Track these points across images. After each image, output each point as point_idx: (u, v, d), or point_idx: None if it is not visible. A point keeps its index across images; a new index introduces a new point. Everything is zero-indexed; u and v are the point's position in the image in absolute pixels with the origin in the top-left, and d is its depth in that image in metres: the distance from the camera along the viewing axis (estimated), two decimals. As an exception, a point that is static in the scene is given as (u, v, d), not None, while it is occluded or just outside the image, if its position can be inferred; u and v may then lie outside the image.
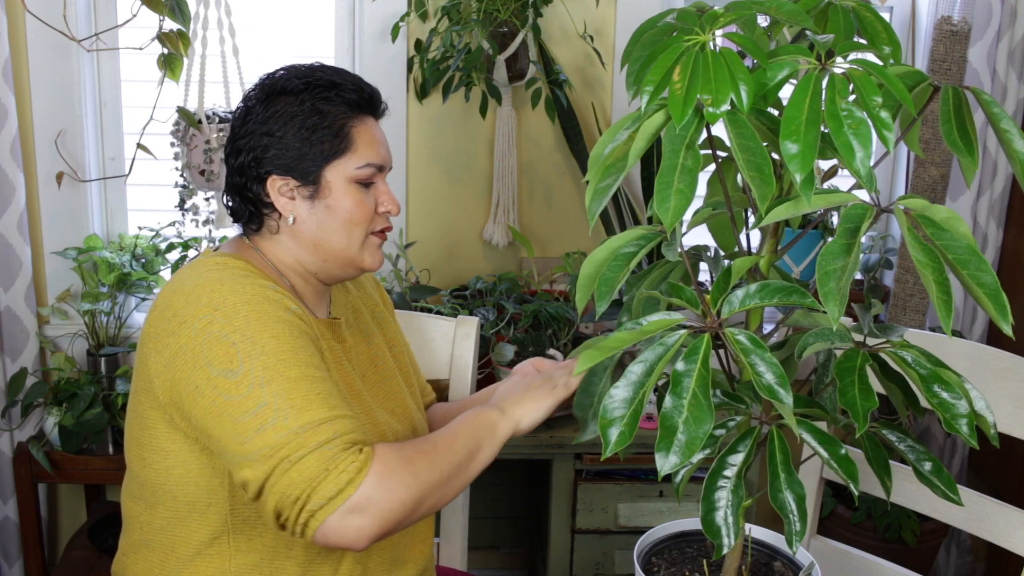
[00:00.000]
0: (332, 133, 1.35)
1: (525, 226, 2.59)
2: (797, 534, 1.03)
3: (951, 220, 0.96)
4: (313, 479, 1.17)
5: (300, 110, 1.35)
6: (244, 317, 1.25)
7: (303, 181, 1.36)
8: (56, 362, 2.36)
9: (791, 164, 0.94)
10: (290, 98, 1.36)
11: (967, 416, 1.02)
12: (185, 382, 1.25)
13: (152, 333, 1.31)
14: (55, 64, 2.30)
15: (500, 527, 2.79)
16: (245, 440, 1.20)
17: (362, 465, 1.19)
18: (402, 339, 1.63)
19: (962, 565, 2.74)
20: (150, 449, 1.33)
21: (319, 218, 1.37)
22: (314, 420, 1.21)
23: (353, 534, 1.18)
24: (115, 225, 2.50)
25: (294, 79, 1.37)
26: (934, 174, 2.46)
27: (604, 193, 1.06)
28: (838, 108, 0.94)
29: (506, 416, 1.36)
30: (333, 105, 1.36)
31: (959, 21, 2.39)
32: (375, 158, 1.38)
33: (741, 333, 0.99)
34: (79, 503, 2.58)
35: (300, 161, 1.35)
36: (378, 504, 1.19)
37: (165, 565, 1.37)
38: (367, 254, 1.41)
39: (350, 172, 1.36)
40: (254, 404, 1.21)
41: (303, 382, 1.24)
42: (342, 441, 1.21)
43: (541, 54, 2.40)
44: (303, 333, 1.29)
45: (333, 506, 1.17)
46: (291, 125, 1.35)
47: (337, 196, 1.36)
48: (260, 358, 1.23)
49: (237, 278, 1.30)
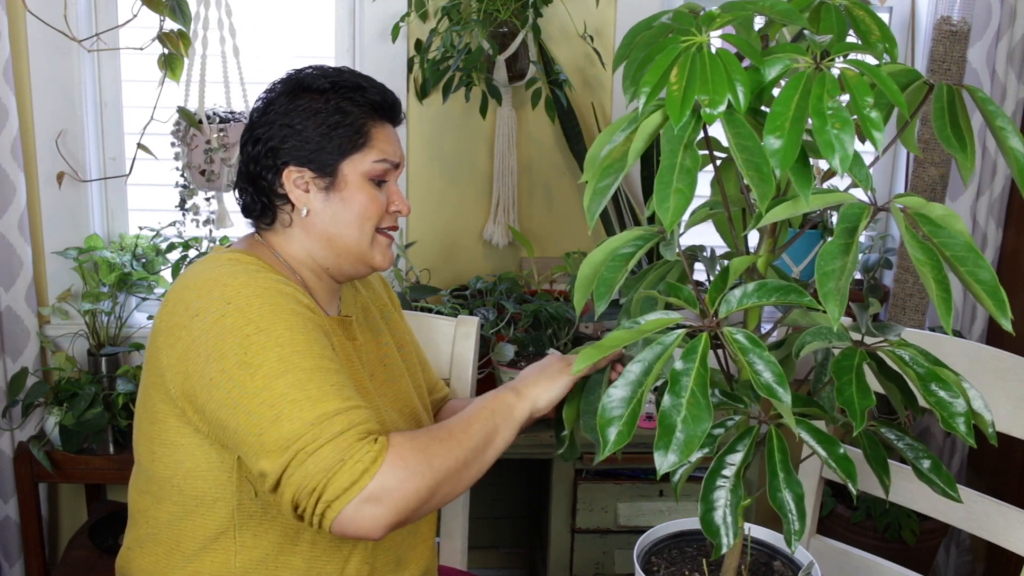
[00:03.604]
0: (353, 130, 1.38)
1: (525, 226, 2.59)
2: (796, 533, 1.03)
3: (947, 217, 0.96)
4: (329, 469, 1.19)
5: (324, 107, 1.38)
6: (257, 309, 1.26)
7: (319, 173, 1.38)
8: (57, 362, 2.36)
9: (773, 159, 0.94)
10: (315, 95, 1.39)
11: (964, 415, 1.02)
12: (199, 375, 1.26)
13: (164, 327, 1.31)
14: (56, 64, 2.31)
15: (500, 527, 2.79)
16: (262, 432, 1.21)
17: (377, 455, 1.21)
18: (411, 338, 1.64)
19: (962, 565, 2.74)
20: (159, 443, 1.34)
21: (333, 211, 1.39)
22: (329, 411, 1.22)
23: (369, 524, 1.20)
24: (116, 225, 2.51)
25: (321, 78, 1.40)
26: (933, 174, 2.46)
27: (603, 193, 1.06)
28: (824, 106, 0.94)
29: (522, 397, 1.38)
30: (356, 105, 1.39)
31: (958, 21, 2.39)
32: (391, 155, 1.41)
33: (739, 332, 0.99)
34: (80, 503, 2.58)
35: (318, 153, 1.37)
36: (393, 493, 1.20)
37: (170, 560, 1.37)
38: (377, 252, 1.42)
39: (366, 167, 1.39)
40: (270, 395, 1.22)
41: (318, 373, 1.25)
42: (357, 431, 1.22)
43: (541, 54, 2.41)
44: (316, 325, 1.31)
45: (349, 496, 1.19)
46: (313, 120, 1.38)
47: (352, 190, 1.38)
48: (275, 349, 1.24)
49: (249, 272, 1.31)
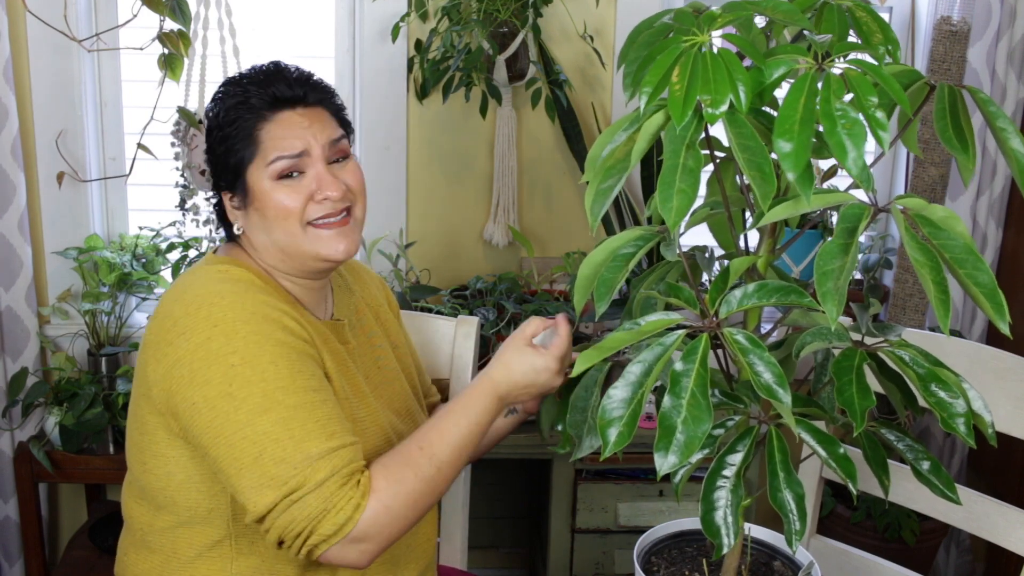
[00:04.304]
0: (241, 139, 1.35)
1: (525, 226, 2.59)
2: (796, 533, 1.03)
3: (948, 220, 0.96)
4: (313, 518, 1.22)
5: (217, 123, 1.37)
6: (243, 338, 1.26)
7: (233, 192, 1.38)
8: (57, 362, 2.36)
9: (784, 162, 0.94)
10: (212, 111, 1.39)
11: (964, 415, 1.02)
12: (182, 396, 1.26)
13: (152, 341, 1.31)
14: (56, 64, 2.30)
15: (500, 527, 2.79)
16: (242, 467, 1.22)
17: (359, 501, 1.23)
18: (407, 340, 1.64)
19: (961, 564, 2.74)
20: (151, 454, 1.34)
21: (255, 223, 1.38)
22: (312, 454, 1.23)
23: (355, 558, 1.25)
24: (116, 225, 2.51)
25: (217, 91, 1.39)
26: (933, 174, 2.46)
27: (606, 195, 1.06)
28: (832, 108, 0.94)
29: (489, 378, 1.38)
30: (247, 111, 1.35)
31: (958, 21, 2.39)
32: (287, 149, 1.34)
33: (739, 333, 0.99)
34: (80, 503, 2.58)
35: (226, 174, 1.37)
36: (377, 534, 1.25)
37: (167, 567, 1.37)
38: (320, 245, 1.36)
39: (265, 171, 1.35)
40: (252, 432, 1.23)
41: (302, 410, 1.25)
42: (340, 477, 1.23)
43: (541, 54, 2.40)
44: (301, 353, 1.30)
45: (334, 540, 1.23)
46: (213, 139, 1.38)
47: (263, 198, 1.35)
48: (259, 384, 1.24)
49: (238, 292, 1.31)
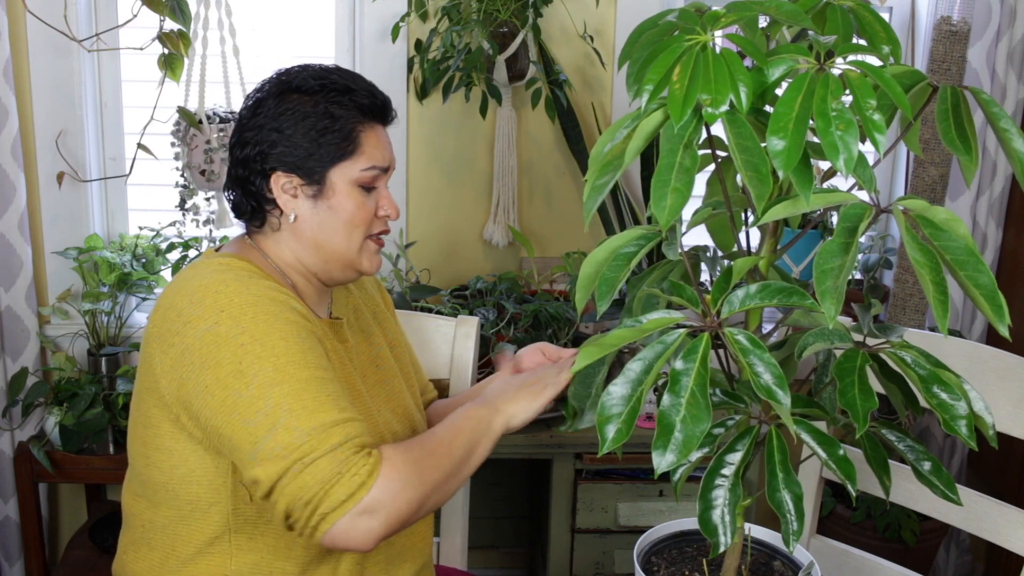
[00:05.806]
0: (341, 136, 1.36)
1: (525, 226, 2.59)
2: (794, 533, 1.03)
3: (950, 221, 0.96)
4: (326, 482, 1.20)
5: (313, 111, 1.36)
6: (251, 318, 1.26)
7: (308, 180, 1.36)
8: (57, 362, 2.36)
9: (776, 160, 0.94)
10: (304, 97, 1.37)
11: (966, 417, 1.02)
12: (194, 381, 1.26)
13: (156, 333, 1.31)
14: (56, 64, 2.30)
15: (500, 527, 2.79)
16: (258, 440, 1.22)
17: (372, 468, 1.22)
18: (403, 339, 1.64)
19: (961, 565, 2.74)
20: (154, 448, 1.34)
21: (321, 218, 1.38)
22: (326, 422, 1.23)
23: (362, 536, 1.21)
24: (116, 225, 2.51)
25: (310, 79, 1.37)
26: (934, 174, 2.46)
27: (601, 190, 1.06)
28: (828, 107, 0.94)
29: (500, 413, 1.38)
30: (345, 109, 1.37)
31: (958, 21, 2.39)
32: (380, 161, 1.39)
33: (740, 333, 0.99)
34: (80, 503, 2.58)
35: (307, 160, 1.36)
36: (387, 506, 1.22)
37: (166, 564, 1.37)
38: (365, 258, 1.42)
39: (355, 175, 1.37)
40: (265, 404, 1.22)
41: (314, 383, 1.25)
42: (353, 444, 1.23)
43: (541, 54, 2.40)
44: (310, 333, 1.31)
45: (345, 508, 1.20)
46: (302, 125, 1.35)
47: (340, 198, 1.37)
48: (270, 359, 1.24)
49: (241, 279, 1.31)
